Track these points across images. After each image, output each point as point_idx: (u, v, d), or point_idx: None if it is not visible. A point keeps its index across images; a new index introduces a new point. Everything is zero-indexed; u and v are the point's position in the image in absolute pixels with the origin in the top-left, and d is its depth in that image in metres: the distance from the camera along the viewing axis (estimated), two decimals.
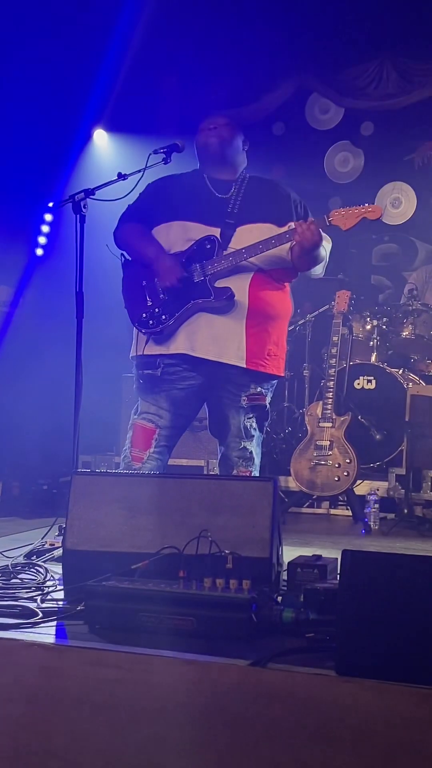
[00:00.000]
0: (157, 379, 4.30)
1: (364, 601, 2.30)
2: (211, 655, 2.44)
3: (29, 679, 2.49)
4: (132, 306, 4.38)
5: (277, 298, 4.32)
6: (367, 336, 6.69)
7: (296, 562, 3.19)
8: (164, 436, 4.32)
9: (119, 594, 2.74)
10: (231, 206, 4.27)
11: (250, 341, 4.19)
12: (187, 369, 4.27)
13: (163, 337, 4.26)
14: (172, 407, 4.32)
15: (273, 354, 4.29)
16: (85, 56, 7.40)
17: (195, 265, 4.20)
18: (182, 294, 4.22)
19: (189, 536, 3.01)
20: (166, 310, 4.24)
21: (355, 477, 5.54)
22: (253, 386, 4.27)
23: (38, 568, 3.55)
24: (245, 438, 4.28)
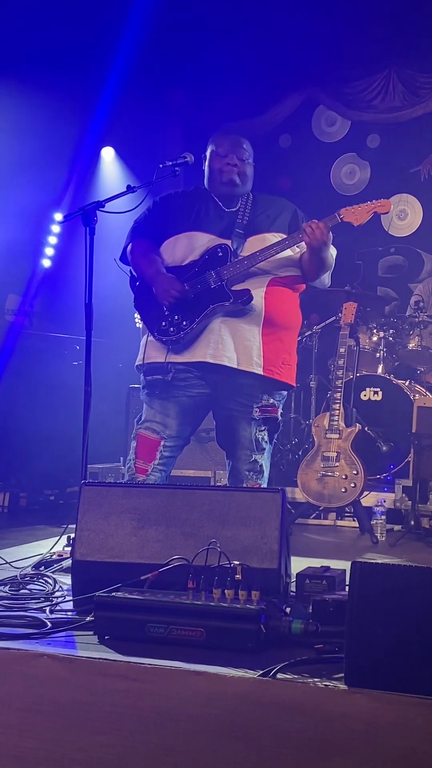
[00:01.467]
0: (167, 385, 4.30)
1: (373, 613, 2.31)
2: (220, 666, 2.44)
3: (38, 690, 2.49)
4: (149, 317, 4.38)
5: (290, 308, 4.36)
6: (374, 347, 6.70)
7: (305, 574, 3.19)
8: (169, 447, 4.32)
9: (128, 605, 2.75)
10: (240, 218, 4.31)
11: (266, 349, 4.22)
12: (198, 377, 4.28)
13: (183, 344, 4.26)
14: (179, 416, 4.32)
15: (286, 363, 4.31)
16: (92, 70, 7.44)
17: (209, 272, 4.21)
18: (200, 300, 4.23)
19: (198, 547, 3.02)
20: (186, 316, 4.24)
21: (362, 488, 5.54)
22: (266, 398, 4.28)
23: (47, 578, 3.56)
24: (256, 451, 4.27)
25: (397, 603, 2.30)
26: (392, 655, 2.26)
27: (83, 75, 7.42)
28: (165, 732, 2.32)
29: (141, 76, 7.72)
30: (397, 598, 2.30)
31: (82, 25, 7.26)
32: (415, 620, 2.27)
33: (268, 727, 2.23)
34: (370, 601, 2.32)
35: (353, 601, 2.35)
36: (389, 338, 6.70)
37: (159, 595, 2.78)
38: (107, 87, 7.55)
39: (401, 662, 2.25)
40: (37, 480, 6.83)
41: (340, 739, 2.16)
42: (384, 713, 2.16)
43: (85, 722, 2.40)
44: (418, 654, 2.25)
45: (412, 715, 2.15)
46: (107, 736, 2.37)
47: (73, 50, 7.29)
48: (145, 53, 7.52)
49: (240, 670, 2.41)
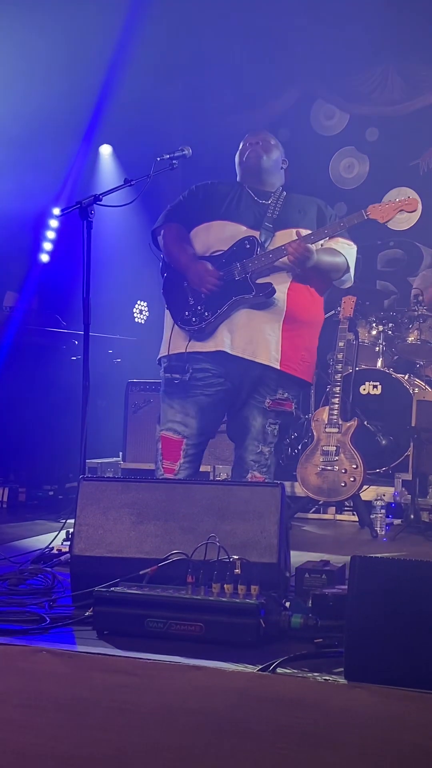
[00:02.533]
0: (186, 385, 4.37)
1: (372, 607, 2.30)
2: (220, 660, 2.44)
3: (37, 685, 2.49)
4: (174, 306, 4.45)
5: (312, 306, 4.41)
6: (373, 341, 6.69)
7: (304, 568, 3.19)
8: (192, 445, 4.41)
9: (127, 600, 2.75)
10: (271, 212, 4.35)
11: (285, 344, 4.27)
12: (216, 375, 4.35)
13: (205, 334, 4.32)
14: (198, 414, 4.38)
15: (305, 360, 4.36)
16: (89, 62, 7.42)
17: (235, 264, 4.28)
18: (224, 291, 4.29)
19: (197, 542, 3.01)
20: (209, 307, 4.30)
21: (362, 482, 5.53)
22: (281, 391, 4.33)
23: (46, 573, 3.55)
24: (264, 443, 4.32)
25: (397, 597, 2.29)
26: (392, 649, 2.26)
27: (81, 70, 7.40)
28: (165, 727, 2.31)
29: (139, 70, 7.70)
30: (396, 592, 2.30)
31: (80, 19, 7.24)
32: (414, 614, 2.27)
33: (267, 721, 2.23)
34: (369, 596, 2.32)
35: (353, 595, 2.35)
36: (388, 332, 6.69)
37: (158, 590, 2.78)
38: (105, 82, 7.54)
39: (401, 656, 2.25)
40: (35, 475, 6.82)
41: (339, 733, 2.15)
42: (383, 707, 2.16)
43: (84, 717, 2.39)
44: (418, 648, 2.24)
45: (412, 709, 2.15)
46: (107, 731, 2.36)
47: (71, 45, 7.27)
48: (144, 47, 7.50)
49: (239, 664, 2.41)
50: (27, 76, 7.14)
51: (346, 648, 2.34)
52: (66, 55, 7.21)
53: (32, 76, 7.15)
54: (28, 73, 7.15)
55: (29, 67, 7.10)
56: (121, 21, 7.33)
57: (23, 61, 7.07)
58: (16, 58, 7.06)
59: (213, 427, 4.50)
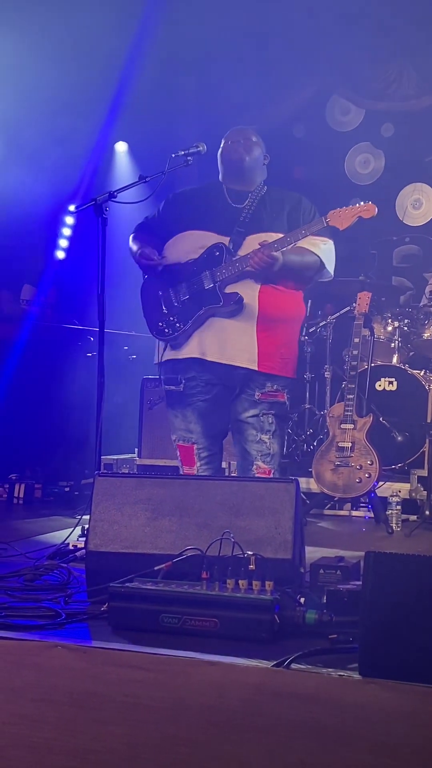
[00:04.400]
0: (181, 394, 4.50)
1: (387, 603, 2.30)
2: (234, 656, 2.45)
3: (52, 680, 2.50)
4: (149, 316, 4.56)
5: (289, 304, 4.43)
6: (389, 337, 6.67)
7: (319, 564, 3.19)
8: (203, 448, 4.54)
9: (142, 595, 2.75)
10: (243, 216, 4.37)
11: (262, 345, 4.33)
12: (206, 381, 4.45)
13: (178, 343, 4.44)
14: (200, 419, 4.51)
15: (285, 357, 4.39)
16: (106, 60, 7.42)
17: (205, 272, 4.35)
18: (195, 301, 4.37)
19: (211, 537, 3.02)
20: (181, 318, 4.39)
21: (377, 479, 5.52)
22: (269, 384, 4.41)
23: (61, 569, 3.56)
24: (261, 431, 4.38)
25: (411, 593, 2.29)
26: (406, 645, 2.26)
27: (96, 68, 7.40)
28: (179, 722, 2.32)
29: (154, 66, 7.70)
30: (411, 588, 2.29)
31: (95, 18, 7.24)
32: (429, 610, 2.27)
33: (281, 717, 2.23)
34: (384, 591, 2.31)
35: (367, 591, 2.35)
36: (404, 328, 6.66)
37: (173, 586, 2.79)
38: (120, 79, 7.54)
39: (415, 652, 2.25)
40: (51, 471, 6.84)
41: (353, 728, 2.15)
42: (398, 703, 2.15)
43: (98, 712, 2.40)
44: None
45: (426, 704, 2.14)
46: (121, 726, 2.37)
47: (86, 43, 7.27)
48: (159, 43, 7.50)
49: (254, 660, 2.41)
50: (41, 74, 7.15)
51: (360, 644, 2.34)
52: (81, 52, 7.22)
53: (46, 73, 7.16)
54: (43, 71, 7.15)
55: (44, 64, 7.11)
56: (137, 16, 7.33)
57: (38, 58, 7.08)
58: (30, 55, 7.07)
59: (219, 427, 4.58)
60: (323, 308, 6.99)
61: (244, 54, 8.05)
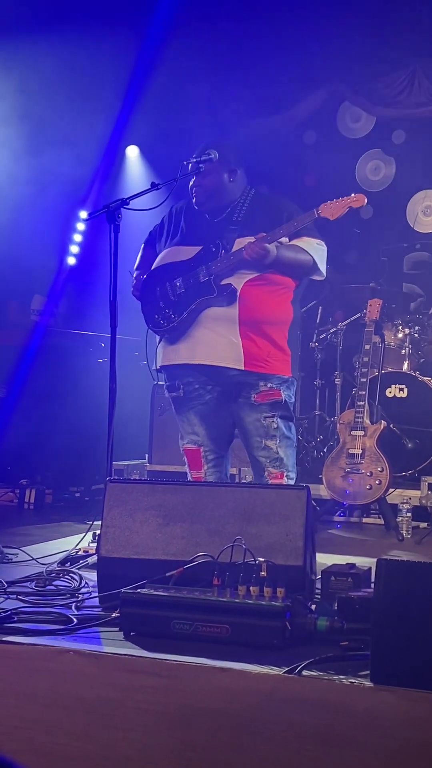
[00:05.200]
0: (182, 399, 4.53)
1: (398, 610, 2.30)
2: (246, 662, 2.45)
3: (64, 686, 2.51)
4: (147, 310, 4.59)
5: (274, 304, 4.41)
6: (399, 344, 6.67)
7: (330, 571, 3.19)
8: (209, 451, 4.53)
9: (154, 601, 2.76)
10: (236, 217, 4.44)
11: (246, 345, 4.32)
12: (202, 384, 4.47)
13: (173, 337, 4.46)
14: (203, 422, 4.52)
15: (273, 356, 4.37)
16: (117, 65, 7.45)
17: (201, 267, 4.38)
18: (190, 294, 4.41)
19: (223, 544, 3.03)
20: (176, 309, 4.44)
21: (388, 486, 5.52)
22: (262, 383, 4.37)
23: (73, 575, 3.57)
24: (266, 437, 4.35)
25: (423, 601, 2.29)
26: (417, 652, 2.26)
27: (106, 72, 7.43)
28: (190, 728, 2.32)
29: (165, 72, 7.72)
30: (422, 596, 2.30)
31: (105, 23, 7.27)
32: None
33: (293, 723, 2.23)
34: (395, 599, 2.32)
35: (379, 598, 2.35)
36: (415, 335, 6.67)
37: (184, 592, 2.79)
38: (131, 84, 7.56)
39: (426, 660, 2.25)
40: (62, 477, 6.86)
41: (365, 736, 2.16)
42: (409, 710, 2.16)
43: (111, 718, 2.41)
44: None
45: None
46: (133, 731, 2.37)
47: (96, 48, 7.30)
48: (170, 50, 7.52)
49: (265, 666, 2.42)
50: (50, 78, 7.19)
51: (372, 651, 2.34)
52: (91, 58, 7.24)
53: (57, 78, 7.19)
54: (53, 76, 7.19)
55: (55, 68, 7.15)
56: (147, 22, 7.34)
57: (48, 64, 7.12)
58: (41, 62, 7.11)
59: (223, 430, 4.57)
60: (334, 315, 7.00)
61: (256, 61, 8.06)
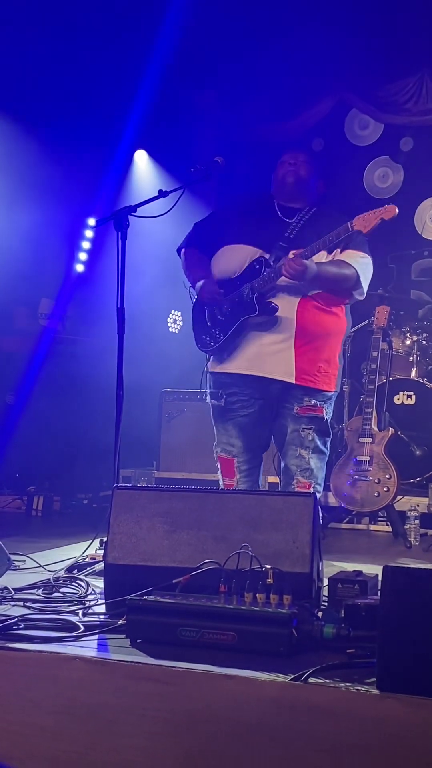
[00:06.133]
0: (223, 409, 4.56)
1: (405, 617, 2.30)
2: (252, 669, 2.45)
3: (71, 693, 2.51)
4: (197, 331, 4.65)
5: (329, 318, 4.46)
6: (407, 351, 6.66)
7: (337, 578, 3.18)
8: (244, 461, 4.58)
9: (160, 608, 2.76)
10: (290, 232, 4.40)
11: (299, 359, 4.36)
12: (246, 396, 4.50)
13: (221, 355, 4.51)
14: (241, 434, 4.56)
15: (324, 371, 4.41)
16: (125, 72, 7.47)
17: (246, 285, 4.36)
18: (235, 312, 4.43)
19: (230, 551, 3.02)
20: (222, 329, 4.46)
21: (396, 493, 5.51)
22: (307, 399, 4.42)
23: (80, 582, 3.57)
24: (301, 446, 4.42)
25: (430, 608, 2.28)
26: (424, 659, 2.25)
27: (116, 79, 7.45)
28: (196, 735, 2.32)
29: (174, 79, 7.73)
30: (429, 603, 2.29)
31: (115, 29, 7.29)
32: None
33: (299, 731, 2.23)
34: (402, 606, 2.31)
35: (385, 605, 2.35)
36: (423, 342, 6.66)
37: (191, 599, 2.79)
38: (140, 91, 7.58)
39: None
40: (70, 484, 6.86)
41: (371, 743, 2.15)
42: (416, 718, 2.15)
43: (117, 725, 2.41)
44: None
45: None
46: (139, 738, 2.37)
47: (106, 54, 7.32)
48: (179, 57, 7.54)
49: (271, 674, 2.41)
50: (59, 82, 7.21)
51: (378, 658, 2.34)
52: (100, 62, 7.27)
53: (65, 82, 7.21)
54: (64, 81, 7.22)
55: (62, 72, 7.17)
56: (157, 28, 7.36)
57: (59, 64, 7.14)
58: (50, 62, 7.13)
59: (260, 441, 4.62)
60: None
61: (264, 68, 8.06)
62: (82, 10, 7.09)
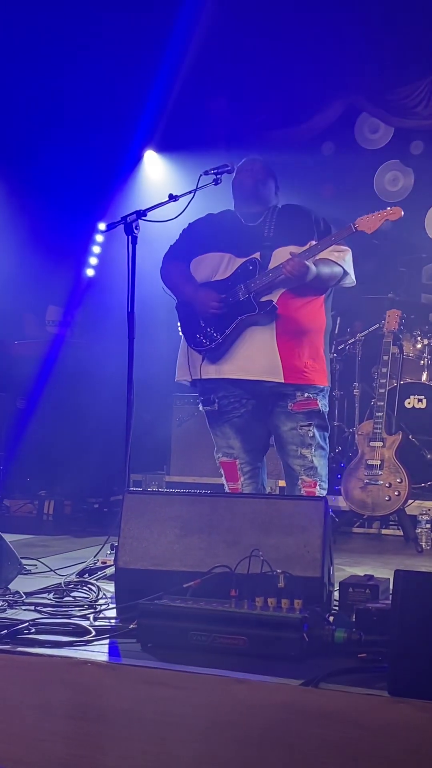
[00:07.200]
0: (217, 413, 4.56)
1: (416, 622, 2.29)
2: (263, 674, 2.44)
3: (82, 697, 2.51)
4: (187, 330, 4.61)
5: (308, 313, 4.47)
6: (418, 355, 6.65)
7: (348, 582, 3.18)
8: (245, 463, 4.57)
9: (171, 613, 2.76)
10: (267, 231, 4.45)
11: (284, 356, 4.35)
12: (237, 397, 4.51)
13: (216, 354, 4.46)
14: (239, 435, 4.55)
15: (311, 367, 4.40)
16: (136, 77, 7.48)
17: (240, 285, 4.42)
18: (231, 312, 4.42)
19: (240, 555, 3.02)
20: (217, 328, 4.43)
21: (407, 497, 5.50)
22: (299, 393, 4.42)
23: (91, 586, 3.58)
24: (302, 445, 4.41)
25: None
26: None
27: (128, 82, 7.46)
28: (208, 739, 2.32)
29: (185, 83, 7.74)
30: None
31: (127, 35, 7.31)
32: None
33: (310, 735, 2.22)
34: (413, 610, 2.31)
35: (397, 610, 2.34)
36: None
37: (202, 603, 2.79)
38: (151, 93, 7.59)
39: None
40: (81, 488, 6.86)
41: (383, 748, 2.15)
42: (428, 723, 2.14)
43: (128, 729, 2.41)
44: None
45: None
46: (150, 743, 2.37)
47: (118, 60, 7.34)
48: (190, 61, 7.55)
49: (282, 678, 2.41)
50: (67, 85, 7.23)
51: (389, 663, 2.33)
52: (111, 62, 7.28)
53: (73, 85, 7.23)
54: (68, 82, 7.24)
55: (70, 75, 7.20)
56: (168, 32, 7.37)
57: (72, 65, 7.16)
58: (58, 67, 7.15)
59: (259, 441, 4.62)
60: (352, 326, 6.98)
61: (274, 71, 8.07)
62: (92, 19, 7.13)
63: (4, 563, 3.61)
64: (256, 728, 2.28)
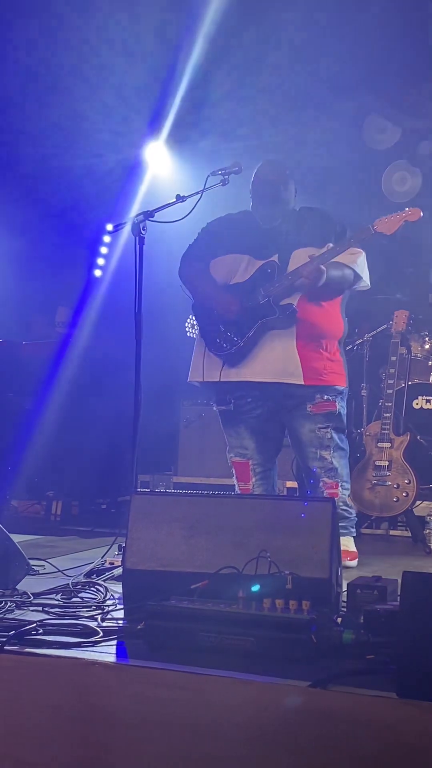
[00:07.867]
0: (233, 413, 4.61)
1: (425, 623, 2.28)
2: (271, 676, 2.44)
3: (90, 698, 2.50)
4: (207, 334, 4.63)
5: (325, 316, 4.48)
6: (426, 356, 6.64)
7: (356, 583, 3.17)
8: (258, 464, 4.64)
9: (179, 614, 2.75)
10: (285, 234, 4.45)
11: (304, 359, 4.36)
12: (255, 398, 4.56)
13: (237, 358, 4.50)
14: (254, 436, 4.62)
15: (330, 369, 4.42)
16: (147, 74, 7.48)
17: (259, 289, 4.41)
18: (250, 316, 4.46)
19: (248, 556, 3.02)
20: (238, 332, 4.43)
21: (415, 498, 5.49)
22: (318, 396, 4.47)
23: (98, 587, 3.58)
24: (321, 447, 4.43)
25: None
26: None
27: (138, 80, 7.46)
28: (215, 741, 2.31)
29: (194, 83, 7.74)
30: None
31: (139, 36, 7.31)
32: None
33: (317, 737, 2.22)
34: (422, 612, 2.30)
35: (405, 611, 2.33)
36: None
37: (209, 604, 2.78)
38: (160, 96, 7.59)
39: None
40: (88, 489, 6.87)
41: (391, 750, 2.14)
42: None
43: (136, 731, 2.40)
44: None
45: None
46: (158, 744, 2.37)
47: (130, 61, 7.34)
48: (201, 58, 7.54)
49: (290, 680, 2.40)
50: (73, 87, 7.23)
51: (398, 665, 2.32)
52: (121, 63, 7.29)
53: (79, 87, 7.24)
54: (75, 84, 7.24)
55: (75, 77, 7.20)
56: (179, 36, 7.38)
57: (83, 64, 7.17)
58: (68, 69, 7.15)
59: (273, 443, 4.65)
60: (360, 326, 6.98)
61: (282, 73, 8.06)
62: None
63: (11, 564, 3.62)
64: (263, 730, 2.27)
